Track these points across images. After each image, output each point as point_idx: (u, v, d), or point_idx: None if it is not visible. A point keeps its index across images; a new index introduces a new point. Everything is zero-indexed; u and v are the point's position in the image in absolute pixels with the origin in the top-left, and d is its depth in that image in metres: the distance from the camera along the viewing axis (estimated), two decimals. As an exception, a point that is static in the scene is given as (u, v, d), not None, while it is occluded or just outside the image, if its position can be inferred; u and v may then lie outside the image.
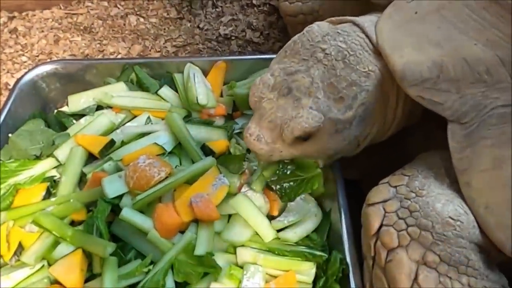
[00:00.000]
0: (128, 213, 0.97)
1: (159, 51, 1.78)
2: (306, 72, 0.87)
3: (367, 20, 1.00)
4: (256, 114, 0.89)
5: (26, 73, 1.33)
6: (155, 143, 1.13)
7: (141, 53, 1.78)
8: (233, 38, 1.81)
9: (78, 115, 1.27)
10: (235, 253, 0.95)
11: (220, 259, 0.94)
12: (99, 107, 1.29)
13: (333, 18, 1.03)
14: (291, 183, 1.02)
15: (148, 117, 1.22)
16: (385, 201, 0.87)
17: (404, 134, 1.19)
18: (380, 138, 1.06)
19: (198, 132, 1.22)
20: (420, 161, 0.94)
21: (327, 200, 1.08)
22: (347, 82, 0.86)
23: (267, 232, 0.97)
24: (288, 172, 1.01)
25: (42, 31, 1.84)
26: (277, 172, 1.00)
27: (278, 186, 1.00)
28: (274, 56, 1.38)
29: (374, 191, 0.90)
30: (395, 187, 0.89)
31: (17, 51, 1.77)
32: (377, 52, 0.94)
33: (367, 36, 0.95)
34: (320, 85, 0.85)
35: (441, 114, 0.86)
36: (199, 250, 0.92)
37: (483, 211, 0.80)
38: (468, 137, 0.84)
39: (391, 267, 0.80)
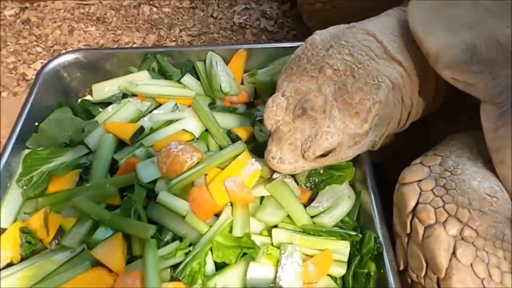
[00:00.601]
0: (165, 197, 0.98)
1: (174, 41, 1.79)
2: (317, 90, 0.88)
3: (377, 24, 1.00)
4: (275, 137, 0.90)
5: (48, 62, 1.33)
6: (184, 129, 1.14)
7: (156, 43, 1.79)
8: (247, 27, 1.82)
9: (103, 104, 1.28)
10: (269, 235, 0.97)
11: (255, 241, 0.95)
12: (123, 96, 1.30)
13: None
14: (323, 178, 1.07)
15: (176, 104, 1.23)
16: (420, 180, 0.89)
17: (426, 119, 1.21)
18: (396, 131, 1.08)
19: (222, 119, 1.23)
20: (450, 141, 0.96)
21: (356, 182, 1.10)
22: (359, 96, 0.87)
23: (301, 216, 0.99)
24: (321, 172, 1.06)
25: (55, 22, 1.84)
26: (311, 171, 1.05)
27: (309, 183, 1.06)
28: (290, 44, 1.43)
29: (408, 171, 0.92)
30: (429, 166, 0.91)
31: (32, 42, 1.76)
32: (388, 58, 0.94)
33: (377, 41, 0.95)
34: (333, 103, 0.87)
35: (475, 95, 0.88)
36: (237, 232, 0.94)
37: (517, 188, 0.83)
38: (501, 117, 0.86)
39: (429, 243, 0.82)
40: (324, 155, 0.89)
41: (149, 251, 0.89)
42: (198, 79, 1.37)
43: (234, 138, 1.18)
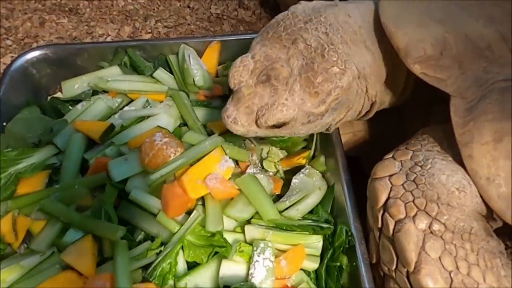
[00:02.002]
0: (137, 194, 0.97)
1: (149, 32, 1.74)
2: (286, 61, 0.88)
3: (359, 7, 1.00)
4: (235, 97, 0.91)
5: (15, 59, 1.28)
6: (159, 126, 1.12)
7: (132, 35, 1.74)
8: (225, 17, 1.79)
9: (73, 101, 1.25)
10: (243, 232, 0.97)
11: (228, 238, 0.95)
12: (94, 92, 1.26)
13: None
14: None
15: (147, 100, 1.20)
16: (391, 175, 0.90)
17: (401, 111, 1.21)
18: (356, 119, 1.08)
19: (197, 114, 1.22)
20: (422, 135, 0.97)
21: (330, 175, 1.10)
22: (323, 77, 0.87)
23: (269, 211, 0.98)
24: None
25: (26, 13, 1.77)
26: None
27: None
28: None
29: (380, 166, 0.93)
30: (400, 161, 0.91)
31: (1, 35, 1.70)
32: (360, 45, 0.94)
33: (355, 25, 0.95)
34: (297, 77, 0.88)
35: (444, 90, 0.88)
36: (211, 227, 0.93)
37: (484, 182, 0.84)
38: (470, 111, 0.86)
39: (399, 237, 0.83)
40: (277, 126, 0.90)
41: (119, 253, 0.87)
42: (172, 73, 1.34)
43: (208, 133, 1.16)
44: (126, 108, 1.20)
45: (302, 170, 1.08)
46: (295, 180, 1.07)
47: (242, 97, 0.89)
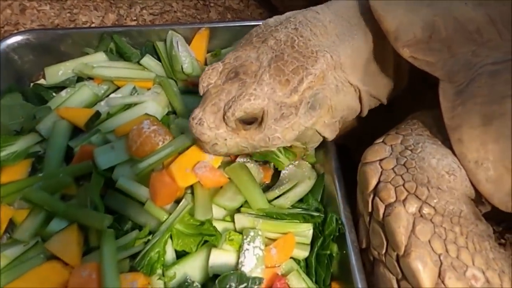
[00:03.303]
0: (125, 182, 0.95)
1: (134, 20, 1.71)
2: (255, 58, 0.87)
3: (334, 4, 0.99)
4: (202, 100, 0.87)
5: (-5, 44, 1.24)
6: (147, 113, 1.10)
7: (116, 22, 1.70)
8: (212, 5, 1.76)
9: (57, 88, 1.21)
10: (232, 221, 0.96)
11: (218, 227, 0.93)
12: (79, 79, 1.23)
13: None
14: None
15: (134, 87, 1.17)
16: (381, 159, 0.89)
17: (392, 99, 1.21)
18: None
19: (184, 102, 1.20)
20: (412, 120, 0.96)
21: (321, 165, 1.10)
22: (294, 65, 0.85)
23: (258, 200, 0.96)
24: None
25: (5, 0, 1.71)
26: None
27: None
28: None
29: (370, 150, 0.92)
30: (391, 145, 0.91)
31: (-20, 22, 1.64)
32: (332, 37, 0.93)
33: (326, 20, 0.95)
34: (266, 68, 0.85)
35: (433, 74, 0.88)
36: (199, 215, 0.92)
37: (473, 165, 0.84)
38: (459, 95, 0.86)
39: (389, 221, 0.83)
40: (248, 124, 0.84)
41: (106, 242, 0.85)
42: (159, 60, 1.31)
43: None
44: (113, 95, 1.17)
45: (292, 161, 1.07)
46: (284, 171, 1.06)
47: (208, 96, 0.85)
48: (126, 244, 0.88)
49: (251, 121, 0.85)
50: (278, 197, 1.01)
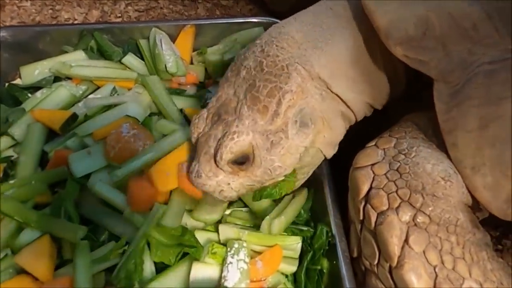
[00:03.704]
0: (101, 189, 0.90)
1: (119, 17, 1.64)
2: (233, 94, 0.83)
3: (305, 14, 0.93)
4: (196, 150, 0.84)
5: (-32, 42, 1.18)
6: (127, 115, 1.04)
7: (100, 19, 1.64)
8: (200, 1, 1.70)
9: (33, 88, 1.15)
10: (216, 231, 0.91)
11: (201, 237, 0.89)
12: (56, 79, 1.17)
13: None
14: None
15: (114, 88, 1.11)
16: (373, 164, 0.84)
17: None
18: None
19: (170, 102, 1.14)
20: (406, 122, 0.92)
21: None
22: (267, 89, 0.80)
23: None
24: None
25: (-17, -4, 1.64)
26: None
27: None
28: (244, 20, 1.33)
29: (362, 154, 0.87)
30: (383, 149, 0.86)
31: (-45, 19, 1.57)
32: (305, 47, 0.86)
33: (294, 31, 0.88)
34: (243, 101, 0.81)
35: (427, 73, 0.83)
36: (168, 221, 0.87)
37: (470, 171, 0.79)
38: (454, 96, 0.81)
39: (381, 230, 0.78)
40: (241, 164, 0.80)
41: (80, 255, 0.80)
42: (143, 58, 1.25)
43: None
44: (91, 96, 1.11)
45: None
46: None
47: (199, 146, 0.82)
48: (102, 257, 0.83)
49: (244, 160, 0.80)
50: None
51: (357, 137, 1.24)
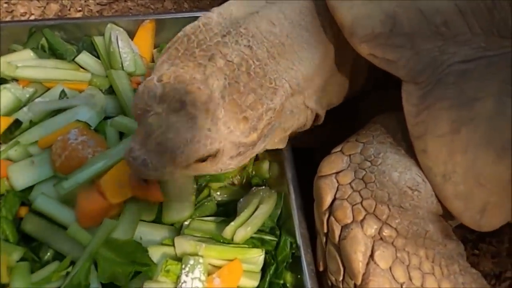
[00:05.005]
0: (44, 204, 0.82)
1: (80, 11, 1.54)
2: (203, 82, 0.72)
3: (287, 8, 0.83)
4: (141, 131, 0.72)
5: None
6: (77, 120, 0.96)
7: (59, 14, 1.53)
8: (166, -7, 1.60)
9: (-25, 92, 1.05)
10: (173, 244, 0.84)
11: (156, 253, 0.82)
12: (2, 81, 1.07)
13: None
14: None
15: (62, 90, 1.03)
16: (338, 172, 0.79)
17: (355, 98, 1.10)
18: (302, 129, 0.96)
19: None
20: (375, 125, 0.86)
21: (277, 178, 0.98)
22: (252, 99, 0.73)
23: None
24: None
25: None
26: None
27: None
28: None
29: (326, 161, 0.81)
30: (349, 155, 0.80)
31: None
32: (290, 56, 0.79)
33: (281, 35, 0.80)
34: (220, 101, 0.71)
35: (394, 73, 0.77)
36: (119, 233, 0.81)
37: (440, 180, 0.74)
38: (424, 98, 0.75)
39: (345, 245, 0.73)
40: (201, 161, 0.73)
41: (17, 278, 0.73)
42: (99, 57, 1.17)
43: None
44: (38, 99, 1.02)
45: (247, 194, 0.96)
46: (239, 202, 0.95)
47: (151, 131, 0.70)
48: (43, 279, 0.75)
49: (203, 159, 0.73)
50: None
51: (329, 139, 1.18)
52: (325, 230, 0.78)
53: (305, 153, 1.19)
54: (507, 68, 0.73)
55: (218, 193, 0.99)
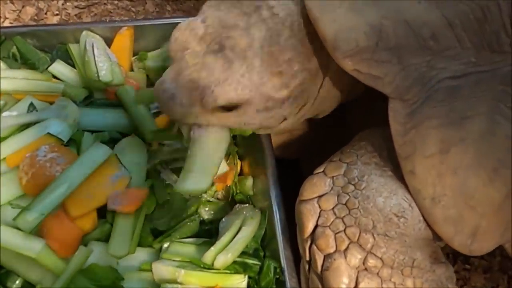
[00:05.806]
0: (6, 235, 0.76)
1: (57, 14, 1.48)
2: (245, 30, 0.72)
3: None
4: (176, 67, 0.72)
5: None
6: (49, 133, 0.91)
7: (35, 18, 1.47)
8: (148, -5, 1.54)
9: None
10: (151, 270, 0.79)
11: (133, 280, 0.79)
12: (-31, 93, 1.01)
13: None
14: None
15: (31, 103, 0.97)
16: (320, 196, 0.74)
17: (343, 107, 1.06)
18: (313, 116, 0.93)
19: (102, 117, 1.01)
20: (360, 142, 0.81)
21: (261, 194, 0.94)
22: (290, 55, 0.72)
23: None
24: None
25: None
26: None
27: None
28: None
29: (308, 184, 0.77)
30: (332, 177, 0.76)
31: None
32: None
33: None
34: (258, 51, 0.71)
35: (381, 90, 0.72)
36: (114, 249, 0.79)
37: (429, 203, 0.70)
38: (411, 117, 0.71)
39: (327, 276, 0.69)
40: (227, 110, 0.73)
41: (-24, 314, 0.68)
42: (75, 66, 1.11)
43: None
44: (5, 113, 0.96)
45: (230, 213, 0.92)
46: (222, 223, 0.90)
47: (185, 67, 0.71)
48: (8, 313, 0.71)
49: (231, 108, 0.73)
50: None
51: (315, 150, 1.14)
52: (307, 258, 0.74)
53: (291, 164, 1.15)
54: (498, 86, 0.68)
55: (207, 208, 0.95)
